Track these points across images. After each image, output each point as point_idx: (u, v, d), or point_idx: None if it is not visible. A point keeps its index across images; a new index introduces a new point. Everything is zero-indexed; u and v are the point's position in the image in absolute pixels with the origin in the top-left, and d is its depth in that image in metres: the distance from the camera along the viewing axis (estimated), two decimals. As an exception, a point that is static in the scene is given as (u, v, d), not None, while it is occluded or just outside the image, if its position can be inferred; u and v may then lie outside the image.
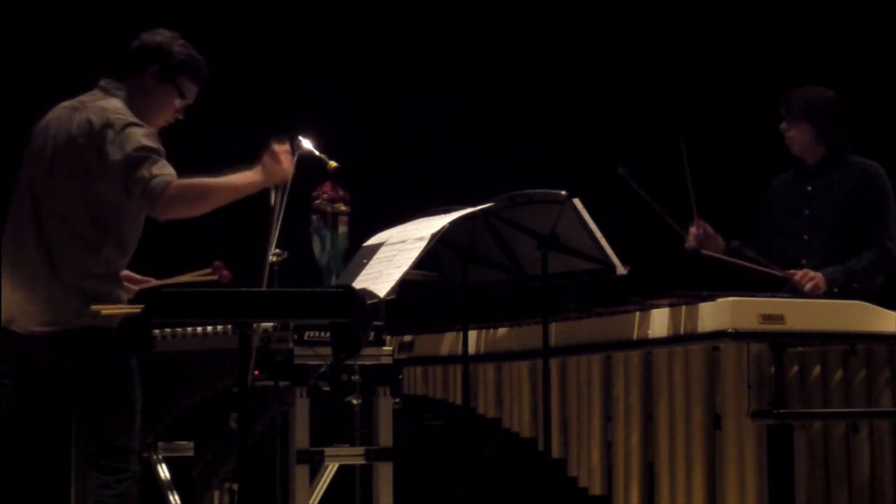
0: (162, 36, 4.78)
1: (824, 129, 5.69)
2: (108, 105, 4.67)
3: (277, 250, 5.05)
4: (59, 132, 4.67)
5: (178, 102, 4.81)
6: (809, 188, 5.73)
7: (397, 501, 5.08)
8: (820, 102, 5.70)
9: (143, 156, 4.55)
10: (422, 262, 4.81)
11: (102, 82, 4.76)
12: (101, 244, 4.59)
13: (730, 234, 5.82)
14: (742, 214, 5.98)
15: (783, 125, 5.73)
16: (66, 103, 4.74)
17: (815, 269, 5.56)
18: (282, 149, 4.76)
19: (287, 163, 4.75)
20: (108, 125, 4.59)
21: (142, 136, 4.59)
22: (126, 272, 4.83)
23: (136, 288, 4.81)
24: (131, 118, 4.64)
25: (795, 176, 5.80)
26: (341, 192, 5.13)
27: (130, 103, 4.71)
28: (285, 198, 5.00)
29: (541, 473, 4.96)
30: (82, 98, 4.73)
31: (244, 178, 4.71)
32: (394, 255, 4.80)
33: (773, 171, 5.91)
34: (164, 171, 4.56)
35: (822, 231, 5.65)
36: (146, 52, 4.76)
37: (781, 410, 4.58)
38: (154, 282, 4.81)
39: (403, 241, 4.84)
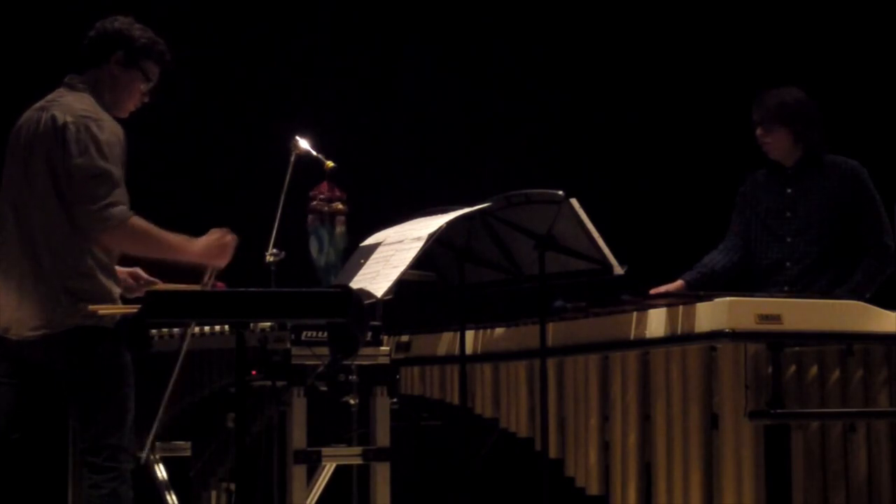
0: (120, 22, 4.76)
1: (800, 131, 5.66)
2: (76, 102, 4.64)
3: (275, 250, 5.05)
4: (27, 134, 4.65)
5: (143, 86, 4.79)
6: (789, 190, 5.70)
7: (394, 501, 5.08)
8: (794, 105, 5.66)
9: (105, 171, 4.53)
10: (419, 262, 4.80)
11: (67, 78, 4.74)
12: (81, 241, 4.56)
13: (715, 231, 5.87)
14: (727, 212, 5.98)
15: (759, 132, 5.69)
16: (35, 105, 4.72)
17: (802, 272, 5.58)
18: (231, 241, 4.73)
19: (229, 257, 4.73)
20: (73, 122, 4.56)
21: (104, 144, 4.55)
22: (136, 270, 4.86)
23: (141, 287, 4.81)
24: (98, 115, 4.61)
25: (772, 177, 5.77)
26: (338, 192, 5.14)
27: (98, 94, 4.70)
28: (283, 198, 5.02)
29: (538, 473, 4.95)
30: (49, 97, 4.71)
31: (189, 250, 4.67)
32: (391, 255, 4.80)
33: (752, 166, 5.89)
34: (122, 198, 4.54)
35: (809, 234, 5.63)
36: (108, 40, 4.74)
37: (778, 410, 4.58)
38: (161, 284, 4.81)
39: (401, 241, 4.84)
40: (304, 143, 5.12)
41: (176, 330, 5.21)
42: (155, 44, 4.78)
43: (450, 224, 4.85)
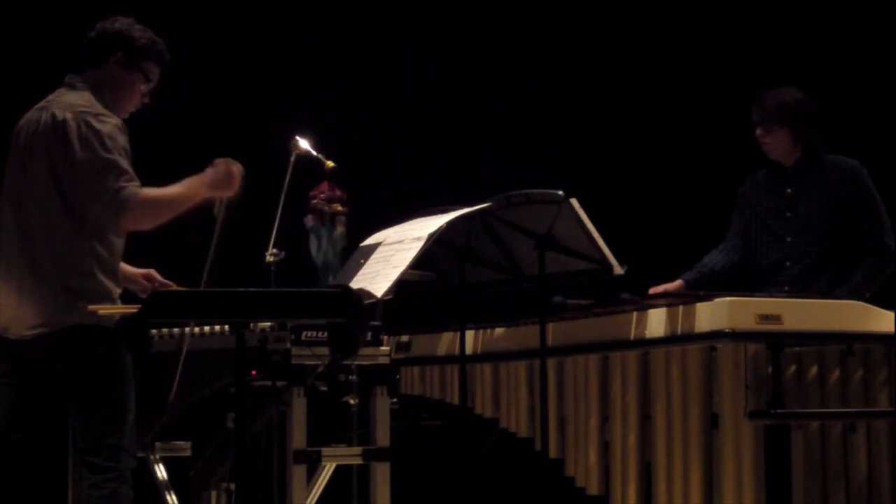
0: (121, 23, 4.76)
1: (800, 131, 5.66)
2: (75, 99, 4.65)
3: (275, 250, 5.05)
4: (27, 134, 4.65)
5: (143, 87, 4.79)
6: (789, 190, 5.70)
7: (394, 501, 5.08)
8: (793, 105, 5.66)
9: (110, 161, 4.53)
10: (419, 262, 4.80)
11: (67, 78, 4.74)
12: (82, 240, 4.56)
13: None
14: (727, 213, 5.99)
15: (759, 132, 5.69)
16: (36, 105, 4.72)
17: (802, 272, 5.58)
18: (237, 170, 4.73)
19: (237, 185, 4.72)
20: (72, 118, 4.56)
21: (106, 136, 4.56)
22: (150, 272, 4.87)
23: (156, 288, 4.80)
24: (98, 110, 4.61)
25: (771, 177, 5.77)
26: (338, 192, 5.14)
27: (98, 94, 4.70)
28: (283, 198, 5.02)
29: (538, 473, 4.95)
30: (49, 97, 4.72)
31: (198, 191, 4.66)
32: (391, 255, 4.80)
33: (752, 166, 5.89)
34: (131, 182, 4.54)
35: (809, 234, 5.63)
36: (108, 41, 4.74)
37: (778, 410, 4.58)
38: (174, 286, 4.80)
39: (401, 241, 4.84)
40: (304, 143, 5.12)
41: (176, 330, 5.21)
42: (155, 44, 4.78)
43: (450, 224, 4.85)
